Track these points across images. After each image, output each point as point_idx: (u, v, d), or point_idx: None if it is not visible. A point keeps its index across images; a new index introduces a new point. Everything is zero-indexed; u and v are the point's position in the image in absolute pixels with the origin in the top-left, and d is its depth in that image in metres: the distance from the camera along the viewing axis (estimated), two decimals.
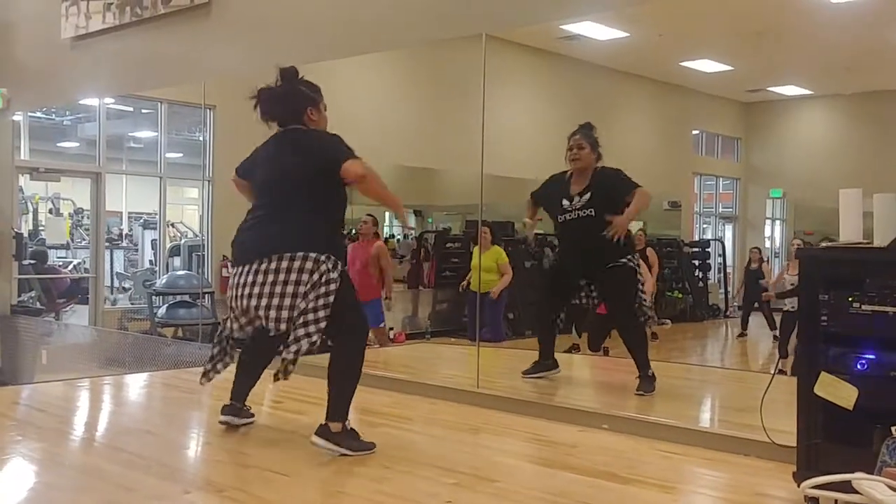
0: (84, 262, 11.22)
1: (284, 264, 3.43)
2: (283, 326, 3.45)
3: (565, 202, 4.91)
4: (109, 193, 10.27)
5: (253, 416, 3.96)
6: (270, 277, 3.44)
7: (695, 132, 17.88)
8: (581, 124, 5.04)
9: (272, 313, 3.45)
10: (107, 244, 11.16)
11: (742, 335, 12.16)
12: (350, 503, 2.90)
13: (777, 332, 11.44)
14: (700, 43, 13.22)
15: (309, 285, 3.42)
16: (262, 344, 3.79)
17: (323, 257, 3.46)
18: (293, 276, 3.42)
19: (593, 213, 4.80)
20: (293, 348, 3.41)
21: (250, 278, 3.50)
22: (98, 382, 5.40)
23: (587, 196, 4.84)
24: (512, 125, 9.00)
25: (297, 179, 3.53)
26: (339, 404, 3.49)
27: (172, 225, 11.88)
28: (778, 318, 9.83)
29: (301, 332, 3.42)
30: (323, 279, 3.44)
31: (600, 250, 4.77)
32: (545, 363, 5.06)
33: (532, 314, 7.72)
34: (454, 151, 10.35)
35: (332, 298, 3.45)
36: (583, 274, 4.96)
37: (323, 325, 3.43)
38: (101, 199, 9.45)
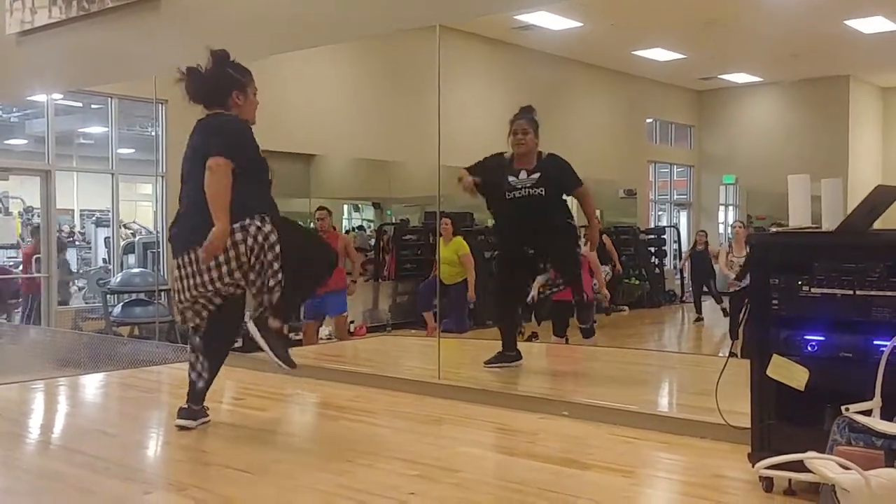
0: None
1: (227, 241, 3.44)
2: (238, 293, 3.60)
3: (512, 179, 4.96)
4: (60, 191, 10.08)
5: (208, 416, 3.87)
6: (221, 257, 3.47)
7: (648, 120, 18.13)
8: (522, 108, 5.12)
9: (221, 288, 3.54)
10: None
11: (699, 319, 12.36)
12: (312, 498, 2.90)
13: (724, 304, 11.71)
14: (652, 32, 13.37)
15: (250, 255, 3.48)
16: (211, 340, 3.76)
17: (247, 221, 3.47)
18: (230, 253, 3.46)
19: (543, 193, 4.91)
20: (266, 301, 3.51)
21: (192, 268, 3.54)
22: (53, 384, 5.30)
23: (536, 175, 4.93)
24: (468, 116, 9.01)
25: (200, 166, 3.47)
26: (287, 306, 3.62)
27: (125, 225, 11.69)
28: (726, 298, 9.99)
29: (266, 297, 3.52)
30: (259, 239, 3.48)
31: (548, 226, 4.93)
32: (508, 354, 5.09)
33: (492, 304, 7.74)
34: (411, 143, 10.37)
35: (278, 249, 3.50)
36: (529, 243, 5.08)
37: (278, 275, 3.50)
38: (51, 196, 9.26)
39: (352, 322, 10.99)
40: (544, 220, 4.93)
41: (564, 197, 5.12)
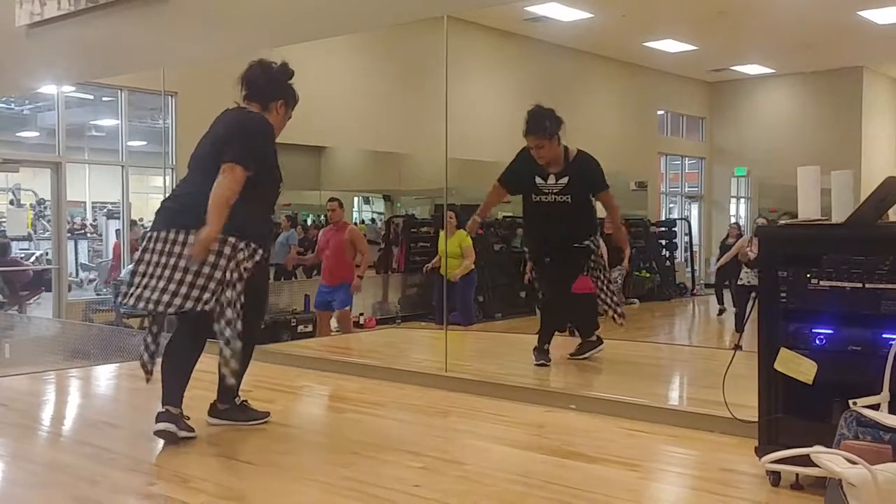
0: (47, 253, 11.04)
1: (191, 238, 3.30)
2: (194, 305, 3.29)
3: (539, 181, 4.89)
4: (72, 183, 10.12)
5: (194, 430, 3.55)
6: (178, 249, 3.33)
7: (660, 112, 18.04)
8: (531, 114, 4.88)
9: (184, 289, 3.30)
10: (69, 235, 11.01)
11: (722, 311, 12.26)
12: (317, 490, 2.90)
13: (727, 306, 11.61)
14: (663, 23, 13.30)
15: (222, 272, 3.31)
16: (184, 339, 3.62)
17: (242, 244, 3.37)
18: (210, 258, 3.29)
19: (570, 200, 4.84)
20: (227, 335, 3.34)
21: (158, 245, 3.38)
22: (63, 375, 5.33)
23: (564, 180, 4.85)
24: (478, 108, 9.00)
25: (215, 159, 3.39)
26: (228, 389, 3.64)
27: (135, 224, 11.70)
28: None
29: (227, 331, 3.35)
30: (236, 265, 3.36)
31: (570, 234, 4.89)
32: (590, 342, 5.24)
33: (501, 296, 7.77)
34: (421, 135, 10.32)
35: (240, 287, 3.38)
36: (549, 252, 5.03)
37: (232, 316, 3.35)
38: (61, 189, 9.30)
39: (361, 314, 11.01)
40: (568, 231, 4.90)
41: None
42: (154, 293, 3.33)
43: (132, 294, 3.41)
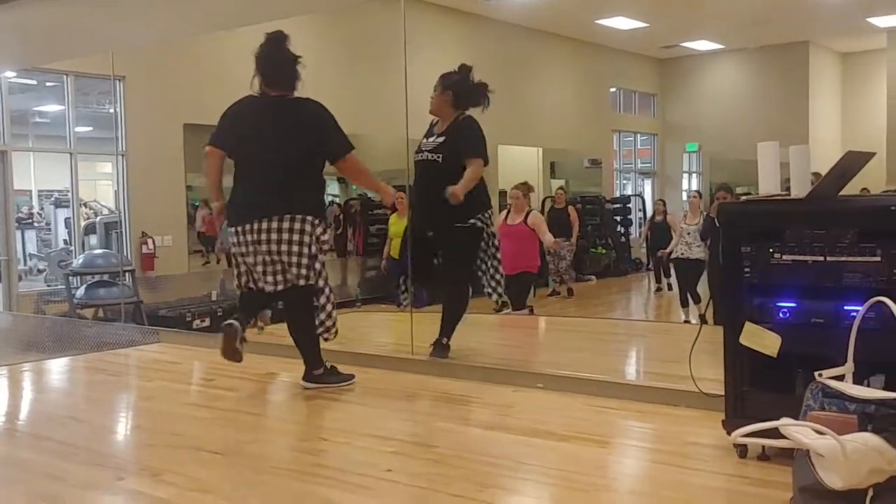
0: None
1: (285, 224, 3.85)
2: (307, 277, 3.95)
3: (423, 141, 4.60)
4: (17, 172, 9.85)
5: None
6: (274, 236, 3.86)
7: (612, 90, 18.17)
8: (458, 66, 4.69)
9: (294, 269, 3.91)
10: (17, 224, 10.72)
11: (660, 289, 12.48)
12: (287, 478, 2.87)
13: (663, 283, 11.86)
14: (615, 0, 13.36)
15: (306, 246, 3.89)
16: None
17: (317, 221, 3.94)
18: (296, 237, 3.87)
19: (440, 160, 4.45)
20: (336, 318, 4.15)
21: (255, 237, 3.90)
22: (17, 369, 5.20)
23: (441, 140, 4.49)
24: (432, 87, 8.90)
25: (293, 153, 3.89)
26: (312, 353, 4.10)
27: (85, 204, 11.46)
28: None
29: (331, 298, 4.11)
30: (319, 241, 3.96)
31: (445, 201, 4.36)
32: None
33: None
34: (377, 116, 10.23)
35: (324, 257, 4.00)
36: (430, 227, 4.60)
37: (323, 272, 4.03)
38: (7, 177, 9.05)
39: None
40: (438, 193, 4.35)
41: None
42: (269, 276, 3.97)
43: (251, 281, 4.06)
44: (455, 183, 4.36)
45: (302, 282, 3.93)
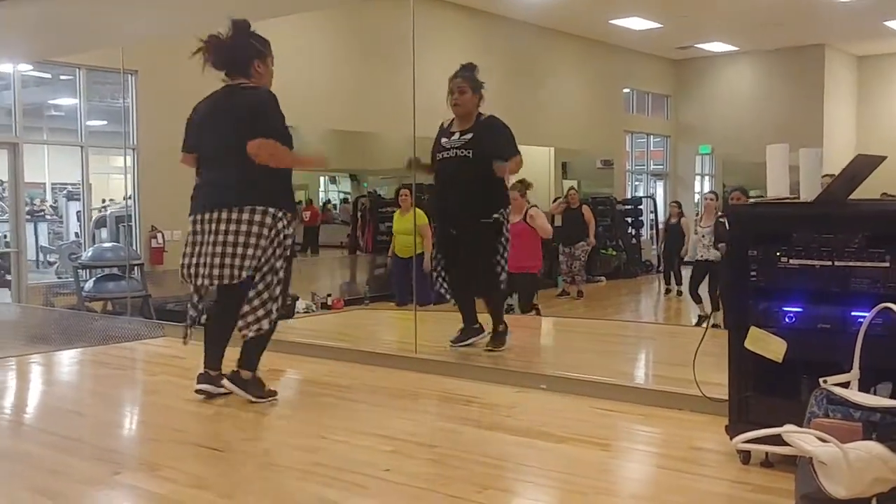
0: (5, 236, 10.80)
1: (245, 216, 3.59)
2: (239, 275, 3.61)
3: (444, 140, 4.67)
4: (31, 165, 9.89)
5: (224, 386, 3.86)
6: (223, 227, 3.60)
7: (626, 90, 18.08)
8: (462, 65, 4.75)
9: (228, 261, 3.60)
10: (29, 217, 10.78)
11: (668, 291, 12.42)
12: (286, 475, 2.86)
13: (682, 287, 11.80)
14: (629, 0, 13.28)
15: (266, 240, 3.60)
16: (225, 309, 3.84)
17: (280, 213, 3.64)
18: (253, 228, 3.59)
19: (470, 155, 4.55)
20: (261, 316, 3.66)
21: (206, 227, 3.66)
22: (24, 361, 5.21)
23: (468, 136, 4.58)
24: (444, 86, 8.89)
25: (237, 139, 3.62)
26: (252, 356, 3.77)
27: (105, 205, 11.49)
28: (687, 271, 10.03)
29: (265, 295, 3.65)
30: (280, 235, 3.64)
31: (473, 196, 4.54)
32: (472, 328, 4.88)
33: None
34: (388, 114, 10.23)
35: (288, 253, 3.69)
36: (454, 224, 4.69)
37: (283, 281, 3.69)
38: (18, 169, 9.08)
39: (329, 295, 10.95)
40: (468, 188, 4.52)
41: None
42: (206, 269, 3.66)
43: (189, 273, 3.73)
44: (483, 179, 4.52)
45: (234, 279, 3.63)
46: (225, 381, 3.75)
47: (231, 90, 3.78)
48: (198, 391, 3.81)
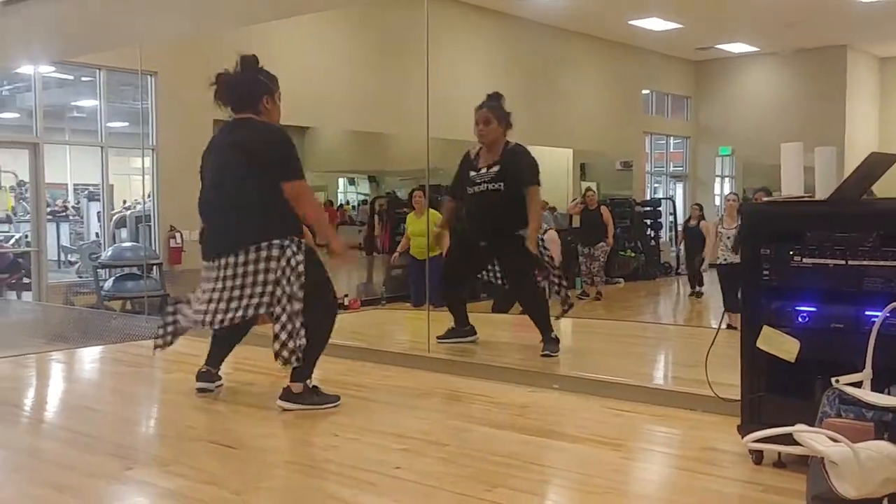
0: (27, 236, 10.93)
1: (251, 256, 3.54)
2: (260, 311, 3.61)
3: (472, 174, 4.78)
4: (54, 165, 10.00)
5: (221, 378, 4.04)
6: (227, 272, 3.57)
7: (645, 92, 17.99)
8: (489, 95, 4.84)
9: (234, 304, 3.59)
10: (50, 217, 10.89)
11: (693, 294, 12.35)
12: (296, 473, 2.87)
13: (700, 288, 11.70)
14: (648, 1, 13.22)
15: (279, 272, 3.54)
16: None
17: (286, 242, 3.56)
18: (262, 266, 3.54)
19: (501, 188, 4.70)
20: (290, 345, 3.54)
21: (212, 273, 3.63)
22: (43, 359, 5.26)
23: (496, 169, 4.71)
24: (461, 86, 8.90)
25: (242, 173, 3.60)
26: (303, 368, 3.63)
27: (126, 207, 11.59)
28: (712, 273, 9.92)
29: (289, 326, 3.54)
30: (291, 263, 3.55)
31: (505, 223, 4.69)
32: (461, 329, 5.00)
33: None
34: (406, 115, 10.24)
35: (303, 279, 3.57)
36: (485, 238, 4.81)
37: (300, 308, 3.56)
38: (39, 169, 9.18)
39: (346, 296, 10.97)
40: (502, 218, 4.68)
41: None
42: (214, 315, 3.63)
43: (206, 316, 3.67)
44: (516, 207, 4.66)
45: (241, 319, 3.63)
46: (279, 403, 3.62)
47: (242, 123, 3.72)
48: (199, 390, 3.89)
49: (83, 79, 11.19)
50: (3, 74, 11.46)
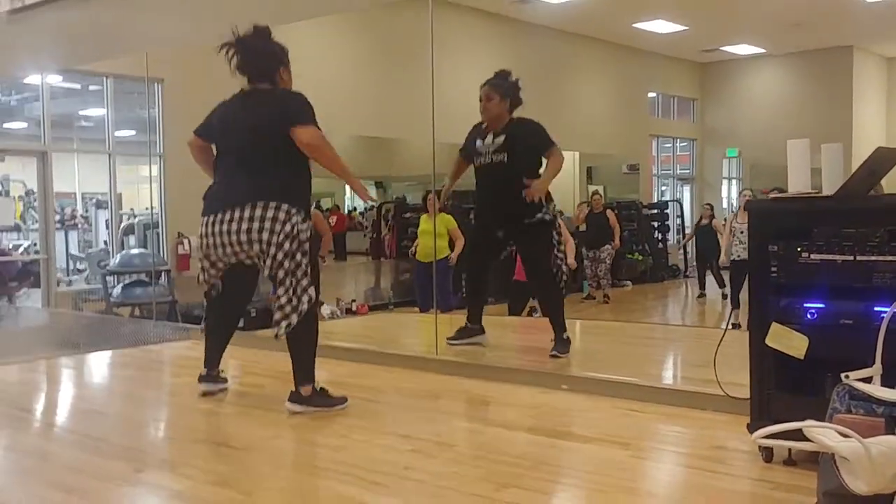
0: (36, 244, 10.97)
1: (258, 212, 3.50)
2: (265, 262, 3.54)
3: (478, 143, 4.72)
4: (62, 175, 10.04)
5: (226, 381, 4.03)
6: (245, 225, 3.52)
7: (651, 94, 17.99)
8: (496, 72, 4.80)
9: (245, 242, 3.53)
10: (59, 225, 10.93)
11: (702, 296, 12.31)
12: (305, 474, 2.87)
13: (726, 289, 11.64)
14: (653, 3, 13.23)
15: (282, 234, 3.49)
16: (227, 305, 3.89)
17: (294, 209, 3.53)
18: (266, 224, 3.49)
19: (505, 159, 4.59)
20: (286, 309, 3.51)
21: (224, 227, 3.57)
22: (53, 364, 5.28)
23: (501, 139, 4.62)
24: (467, 92, 8.96)
25: (263, 137, 3.58)
26: (304, 368, 3.62)
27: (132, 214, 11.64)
28: (726, 273, 9.93)
29: (291, 290, 3.51)
30: (294, 230, 3.52)
31: (514, 200, 4.55)
32: (472, 328, 4.91)
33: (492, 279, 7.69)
34: (412, 120, 10.22)
35: (307, 247, 3.58)
36: (500, 226, 4.75)
37: (308, 273, 3.57)
38: (48, 178, 9.22)
39: (353, 301, 10.99)
40: (510, 195, 4.55)
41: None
42: (224, 248, 3.61)
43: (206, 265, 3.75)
44: (521, 180, 4.53)
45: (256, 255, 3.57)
46: (287, 405, 3.59)
47: (256, 90, 3.71)
48: (203, 392, 3.91)
49: (90, 88, 11.25)
50: (11, 84, 11.54)
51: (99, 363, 5.37)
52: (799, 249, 2.70)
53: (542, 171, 4.69)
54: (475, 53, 12.32)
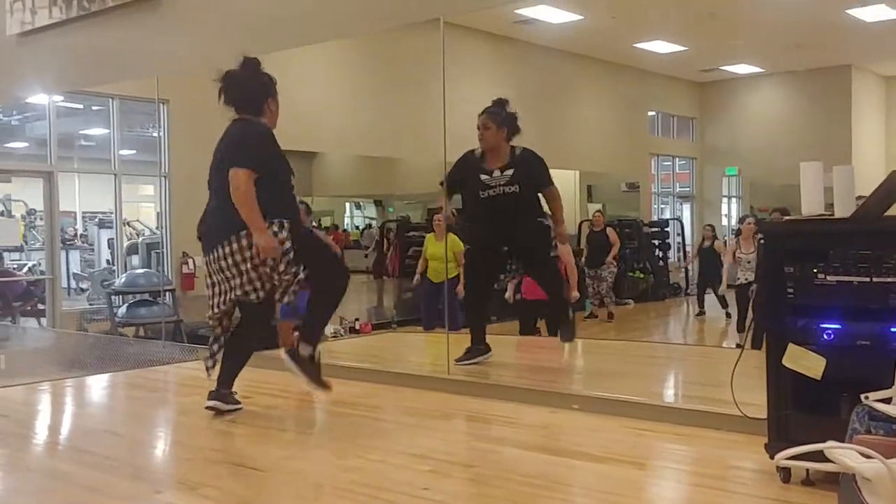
0: (39, 263, 10.98)
1: (235, 246, 3.70)
2: (259, 295, 3.79)
3: (484, 177, 4.84)
4: (61, 193, 10.05)
5: (240, 403, 4.02)
6: (229, 261, 3.73)
7: (651, 113, 18.08)
8: (494, 100, 4.98)
9: (242, 287, 3.76)
10: (61, 245, 10.93)
11: (700, 314, 12.32)
12: (325, 494, 2.87)
13: (729, 309, 11.62)
14: (653, 24, 13.34)
15: (259, 257, 3.70)
16: (246, 325, 3.98)
17: (267, 223, 3.69)
18: (246, 254, 3.69)
19: (518, 190, 4.78)
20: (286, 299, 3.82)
21: (214, 266, 3.81)
22: (59, 385, 5.28)
23: (510, 172, 4.80)
24: (470, 111, 9.00)
25: (223, 171, 3.74)
26: (313, 326, 3.89)
27: (128, 223, 11.67)
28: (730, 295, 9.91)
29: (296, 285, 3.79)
30: (249, 247, 3.70)
31: (523, 226, 4.82)
32: (478, 348, 5.00)
33: (495, 299, 7.70)
34: (413, 140, 10.32)
35: (291, 255, 3.74)
36: (505, 246, 4.96)
37: (299, 275, 3.80)
38: (54, 198, 9.24)
39: (356, 320, 10.98)
40: (519, 218, 4.81)
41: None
42: (216, 298, 3.87)
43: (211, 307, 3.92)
44: (532, 210, 4.86)
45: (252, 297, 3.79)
46: (281, 353, 3.83)
47: (236, 124, 3.85)
48: (208, 408, 3.89)
49: (93, 108, 11.29)
50: (14, 104, 11.59)
51: (108, 384, 5.37)
52: (815, 271, 2.73)
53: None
54: (477, 73, 12.39)
